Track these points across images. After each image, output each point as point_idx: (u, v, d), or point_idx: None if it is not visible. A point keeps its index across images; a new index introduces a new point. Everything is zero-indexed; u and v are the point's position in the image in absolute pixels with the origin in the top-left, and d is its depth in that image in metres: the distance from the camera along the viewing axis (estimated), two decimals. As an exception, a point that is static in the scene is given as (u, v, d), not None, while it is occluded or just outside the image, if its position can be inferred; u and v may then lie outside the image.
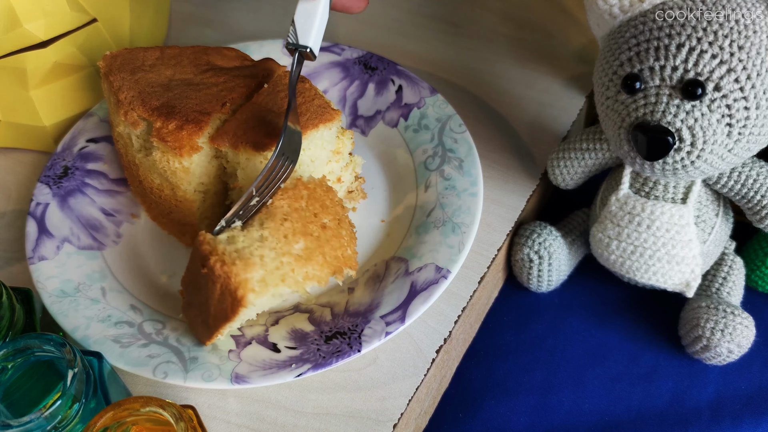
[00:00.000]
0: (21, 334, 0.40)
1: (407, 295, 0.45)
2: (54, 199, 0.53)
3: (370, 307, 0.45)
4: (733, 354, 0.47)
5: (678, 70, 0.39)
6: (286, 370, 0.42)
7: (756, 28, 0.38)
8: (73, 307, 0.46)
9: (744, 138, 0.40)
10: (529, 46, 0.66)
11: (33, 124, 0.58)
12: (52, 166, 0.55)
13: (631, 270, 0.48)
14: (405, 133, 0.57)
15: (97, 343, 0.44)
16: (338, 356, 0.42)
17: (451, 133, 0.55)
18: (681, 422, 0.47)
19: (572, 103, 0.61)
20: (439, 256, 0.47)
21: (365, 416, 0.43)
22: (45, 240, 0.50)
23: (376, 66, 0.61)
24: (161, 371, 0.42)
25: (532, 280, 0.53)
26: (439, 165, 0.53)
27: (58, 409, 0.34)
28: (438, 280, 0.45)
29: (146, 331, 0.45)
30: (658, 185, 0.46)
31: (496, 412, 0.49)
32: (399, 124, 0.57)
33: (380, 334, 0.43)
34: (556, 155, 0.52)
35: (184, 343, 0.45)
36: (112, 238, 0.52)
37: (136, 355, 0.43)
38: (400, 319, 0.44)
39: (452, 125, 0.55)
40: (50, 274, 0.48)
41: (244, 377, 0.42)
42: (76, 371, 0.35)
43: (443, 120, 0.56)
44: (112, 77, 0.50)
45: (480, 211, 0.49)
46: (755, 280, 0.52)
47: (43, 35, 0.53)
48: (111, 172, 0.56)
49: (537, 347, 0.52)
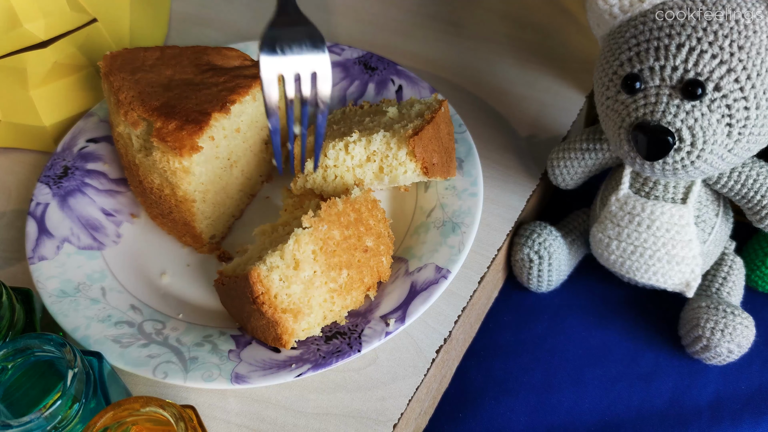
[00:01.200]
0: (21, 334, 0.40)
1: (407, 295, 0.45)
2: (54, 199, 0.53)
3: (370, 307, 0.45)
4: (733, 354, 0.47)
5: (678, 70, 0.39)
6: (286, 370, 0.42)
7: (756, 28, 0.38)
8: (73, 307, 0.46)
9: (744, 138, 0.40)
10: (529, 46, 0.66)
11: (33, 124, 0.58)
12: (52, 166, 0.55)
13: (631, 270, 0.48)
14: None
15: (97, 343, 0.44)
16: (338, 356, 0.42)
17: None
18: (681, 422, 0.47)
19: (572, 103, 0.61)
20: (439, 256, 0.47)
21: (365, 416, 0.43)
22: (45, 240, 0.50)
23: (376, 66, 0.61)
24: (161, 371, 0.42)
25: (532, 280, 0.53)
26: None
27: (58, 409, 0.34)
28: (438, 280, 0.45)
29: (146, 331, 0.45)
30: (658, 185, 0.46)
31: (496, 412, 0.49)
32: None
33: (380, 334, 0.43)
34: (556, 155, 0.52)
35: (184, 343, 0.45)
36: (112, 238, 0.52)
37: (136, 355, 0.43)
38: (400, 319, 0.44)
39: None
40: (50, 274, 0.48)
41: (244, 377, 0.42)
42: (76, 371, 0.35)
43: None
44: (112, 77, 0.50)
45: (480, 211, 0.49)
46: (755, 280, 0.52)
47: (43, 35, 0.53)
48: (111, 172, 0.56)
49: (537, 347, 0.52)
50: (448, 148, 0.50)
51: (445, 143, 0.50)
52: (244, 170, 0.53)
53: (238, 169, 0.52)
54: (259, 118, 0.52)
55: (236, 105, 0.49)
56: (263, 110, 0.52)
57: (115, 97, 0.49)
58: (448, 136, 0.51)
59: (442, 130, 0.49)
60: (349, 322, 0.45)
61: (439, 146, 0.48)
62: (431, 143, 0.47)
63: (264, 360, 0.43)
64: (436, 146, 0.48)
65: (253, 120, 0.52)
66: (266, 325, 0.41)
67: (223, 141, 0.49)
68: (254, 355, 0.44)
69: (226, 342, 0.45)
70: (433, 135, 0.47)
